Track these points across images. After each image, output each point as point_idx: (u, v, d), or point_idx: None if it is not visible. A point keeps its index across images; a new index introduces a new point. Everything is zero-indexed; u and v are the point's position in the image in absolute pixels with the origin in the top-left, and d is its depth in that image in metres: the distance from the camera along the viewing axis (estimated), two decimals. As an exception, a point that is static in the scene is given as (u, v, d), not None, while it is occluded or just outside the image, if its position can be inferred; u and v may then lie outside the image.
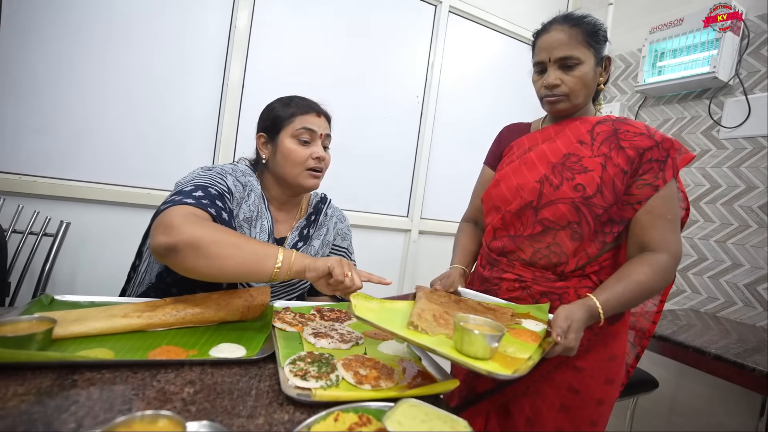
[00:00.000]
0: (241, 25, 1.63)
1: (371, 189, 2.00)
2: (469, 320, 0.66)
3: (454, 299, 0.81)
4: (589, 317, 0.73)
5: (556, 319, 0.70)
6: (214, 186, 0.85)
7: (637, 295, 0.79)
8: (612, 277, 0.81)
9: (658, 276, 0.79)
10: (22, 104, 1.37)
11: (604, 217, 0.83)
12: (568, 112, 0.92)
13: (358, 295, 0.72)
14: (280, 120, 0.98)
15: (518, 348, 0.64)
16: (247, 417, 0.51)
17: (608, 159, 0.84)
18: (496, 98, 2.25)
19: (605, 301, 0.75)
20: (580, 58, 0.86)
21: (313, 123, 0.98)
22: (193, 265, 0.71)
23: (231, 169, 0.96)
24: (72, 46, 1.41)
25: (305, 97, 1.03)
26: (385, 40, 1.95)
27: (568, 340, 0.67)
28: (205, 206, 0.78)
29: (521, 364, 0.59)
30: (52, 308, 0.76)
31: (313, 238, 1.06)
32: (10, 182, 1.37)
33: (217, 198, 0.83)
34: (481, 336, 0.59)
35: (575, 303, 0.74)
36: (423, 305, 0.72)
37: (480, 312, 0.77)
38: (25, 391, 0.50)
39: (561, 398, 0.85)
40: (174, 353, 0.64)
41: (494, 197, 0.96)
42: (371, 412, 0.53)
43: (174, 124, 1.58)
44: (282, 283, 1.00)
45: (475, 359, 0.59)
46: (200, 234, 0.71)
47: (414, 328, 0.64)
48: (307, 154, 0.96)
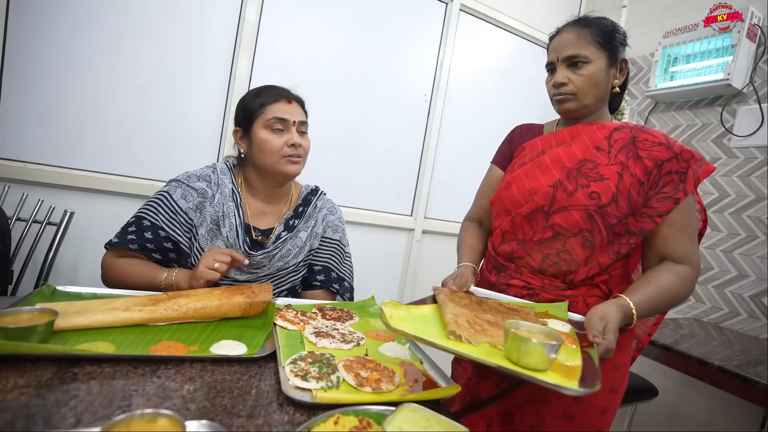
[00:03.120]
0: (250, 19, 1.62)
1: (376, 187, 1.99)
2: (521, 327, 0.61)
3: (475, 300, 0.79)
4: (623, 318, 0.71)
5: (590, 320, 0.68)
6: (148, 216, 0.97)
7: (664, 301, 0.78)
8: (640, 281, 0.79)
9: (684, 286, 0.79)
10: (28, 93, 1.37)
11: (619, 228, 0.82)
12: (578, 113, 0.91)
13: (388, 304, 0.68)
14: (251, 112, 0.99)
15: (567, 355, 0.60)
16: (247, 417, 0.50)
17: (625, 168, 0.82)
18: (504, 99, 2.23)
19: (639, 303, 0.74)
20: (588, 57, 0.85)
21: (284, 111, 0.98)
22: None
23: (186, 177, 1.01)
24: (79, 36, 1.40)
25: (275, 86, 1.03)
26: (395, 37, 1.93)
27: (607, 340, 0.64)
28: (126, 239, 0.95)
29: (579, 374, 0.55)
30: (54, 299, 0.75)
31: (300, 229, 1.05)
32: (15, 169, 1.37)
33: (146, 229, 0.95)
34: (539, 346, 0.54)
35: (607, 303, 0.72)
36: (453, 310, 0.69)
37: (505, 313, 0.75)
38: (25, 384, 0.50)
39: (565, 407, 0.84)
40: (175, 349, 0.64)
41: (505, 200, 0.94)
42: (372, 415, 0.53)
43: (180, 116, 1.58)
44: (267, 275, 1.01)
45: (534, 371, 0.54)
46: (109, 280, 0.96)
47: (456, 338, 0.61)
48: (281, 143, 0.97)
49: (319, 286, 1.08)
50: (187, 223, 0.98)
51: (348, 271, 1.13)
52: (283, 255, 1.02)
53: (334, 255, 1.11)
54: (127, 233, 0.95)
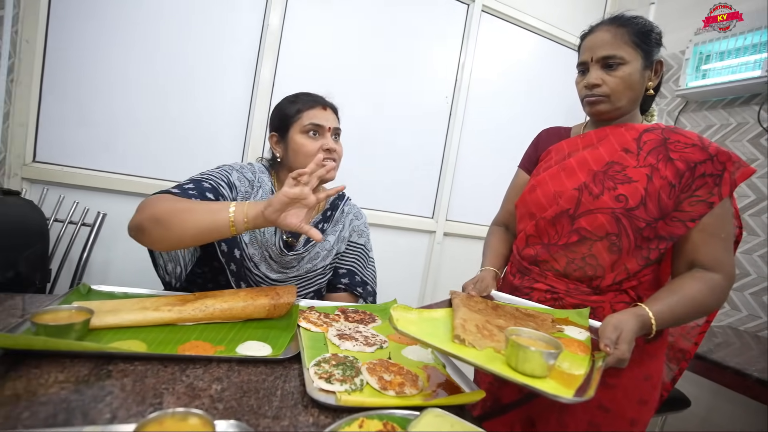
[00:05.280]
0: (273, 25, 1.65)
1: (397, 189, 1.99)
2: (521, 334, 0.62)
3: (491, 305, 0.79)
4: (640, 328, 0.68)
5: (604, 329, 0.66)
6: (209, 180, 0.91)
7: (690, 311, 0.75)
8: (663, 290, 0.77)
9: (713, 295, 0.75)
10: (66, 99, 1.43)
11: (647, 232, 0.79)
12: (610, 116, 0.88)
13: (398, 307, 0.68)
14: (287, 118, 1.01)
15: (573, 363, 0.59)
16: (273, 418, 0.51)
17: (655, 170, 0.79)
18: (528, 101, 2.20)
19: (659, 312, 0.71)
20: (624, 57, 0.82)
21: (320, 117, 1.00)
22: (159, 238, 0.78)
23: (239, 166, 1.01)
24: (111, 43, 1.46)
25: (310, 93, 1.05)
26: (416, 40, 1.93)
27: (620, 350, 0.63)
28: (187, 193, 0.84)
29: (579, 382, 0.54)
30: (89, 298, 0.78)
31: (328, 233, 1.07)
32: (53, 173, 1.43)
33: (208, 190, 0.88)
34: (537, 353, 0.54)
35: (624, 312, 0.70)
36: (464, 315, 0.69)
37: (520, 319, 0.74)
38: (65, 379, 0.52)
39: (590, 415, 0.81)
40: (202, 349, 0.65)
41: (529, 203, 0.93)
42: (396, 420, 0.52)
43: (205, 120, 1.62)
44: (296, 276, 1.02)
45: (532, 377, 0.54)
46: (158, 209, 0.78)
47: (460, 342, 0.61)
48: (317, 147, 0.98)
49: (343, 289, 1.09)
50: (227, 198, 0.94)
51: (371, 275, 1.14)
52: (311, 257, 1.03)
53: (359, 259, 1.13)
54: (185, 189, 0.86)
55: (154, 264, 0.95)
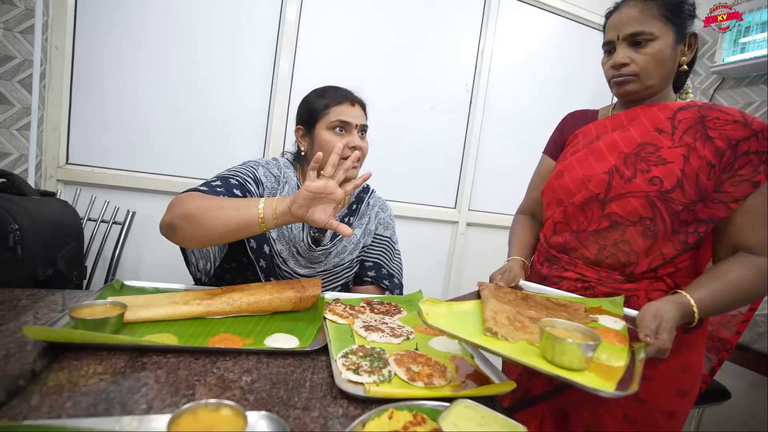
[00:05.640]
0: (290, 19, 1.65)
1: (418, 180, 1.97)
2: (556, 325, 0.59)
3: (521, 296, 0.77)
4: (681, 316, 0.65)
5: (642, 317, 0.63)
6: (236, 177, 0.92)
7: (734, 298, 0.70)
8: (705, 276, 0.73)
9: (759, 281, 0.71)
10: (94, 101, 1.48)
11: (685, 215, 0.75)
12: (640, 96, 0.84)
13: (426, 301, 0.67)
14: (315, 112, 1.00)
15: (611, 354, 0.57)
16: (303, 409, 0.51)
17: (692, 150, 0.75)
18: (550, 86, 2.13)
19: (701, 300, 0.67)
20: (653, 33, 0.78)
21: (347, 114, 0.98)
22: (190, 235, 0.79)
23: (264, 162, 1.01)
24: (134, 47, 1.49)
25: (339, 87, 1.03)
26: (434, 27, 1.89)
27: (660, 340, 0.60)
28: (215, 191, 0.85)
29: (620, 375, 0.52)
30: (122, 293, 0.81)
31: (355, 226, 1.07)
32: (85, 173, 1.49)
33: (235, 186, 0.89)
34: (575, 345, 0.52)
35: (663, 300, 0.67)
36: (494, 306, 0.67)
37: (551, 309, 0.72)
38: (102, 370, 0.54)
39: (625, 407, 0.79)
40: (231, 341, 0.66)
41: (556, 189, 0.90)
42: (426, 411, 0.52)
43: (227, 117, 1.64)
44: (324, 270, 1.02)
45: (569, 370, 0.52)
46: (189, 207, 0.78)
47: (492, 335, 0.59)
48: (342, 144, 0.96)
49: (370, 282, 1.09)
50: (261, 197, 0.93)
51: (398, 267, 1.14)
52: (339, 252, 1.04)
53: (385, 252, 1.12)
54: (213, 186, 0.87)
55: (186, 262, 0.97)
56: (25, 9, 1.31)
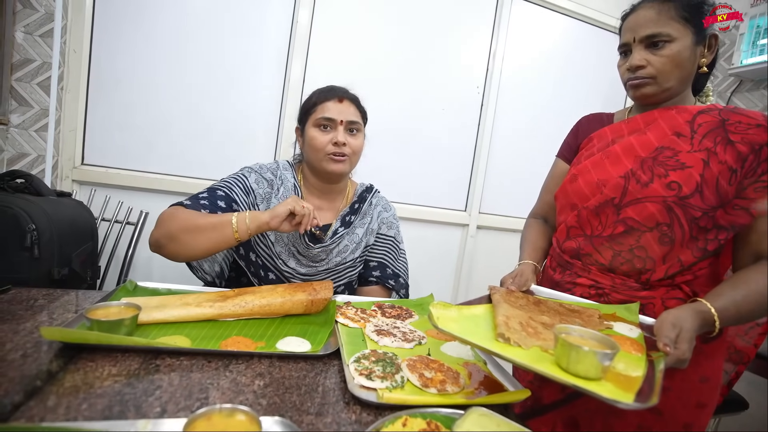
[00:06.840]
0: (302, 22, 1.66)
1: (429, 182, 1.96)
2: (571, 332, 0.58)
3: (533, 300, 0.76)
4: (701, 325, 0.63)
5: (660, 326, 0.61)
6: (224, 188, 0.97)
7: (756, 308, 0.68)
8: (725, 284, 0.71)
9: None
10: (110, 103, 1.50)
11: (704, 222, 0.74)
12: (657, 99, 0.82)
13: (437, 305, 0.66)
14: (305, 111, 1.03)
15: (629, 364, 0.55)
16: (316, 415, 0.51)
17: (712, 154, 0.73)
18: (563, 89, 2.11)
19: (722, 309, 0.66)
20: (671, 35, 0.76)
21: (332, 110, 0.99)
22: (175, 253, 0.87)
23: (259, 167, 1.05)
24: (148, 50, 1.52)
25: (334, 86, 1.05)
26: (446, 30, 1.89)
27: (680, 350, 0.58)
28: (199, 203, 0.92)
29: (638, 385, 0.50)
30: (136, 294, 0.82)
31: (356, 225, 1.07)
32: (100, 174, 1.51)
33: (220, 198, 0.95)
34: (591, 353, 0.50)
35: (681, 308, 0.65)
36: (506, 311, 0.66)
37: (564, 315, 0.70)
38: (117, 372, 0.54)
39: (640, 418, 0.77)
40: (244, 344, 0.66)
41: (570, 193, 0.88)
42: (439, 418, 0.51)
43: (239, 119, 1.65)
44: (326, 269, 1.03)
45: (585, 379, 0.51)
46: (172, 228, 0.86)
47: (505, 341, 0.58)
48: (326, 141, 0.99)
49: (375, 282, 1.09)
50: (254, 205, 1.01)
51: (403, 267, 1.13)
52: (340, 250, 1.04)
53: (389, 251, 1.12)
54: (199, 198, 0.94)
55: (190, 267, 0.99)
56: (45, 13, 1.33)
